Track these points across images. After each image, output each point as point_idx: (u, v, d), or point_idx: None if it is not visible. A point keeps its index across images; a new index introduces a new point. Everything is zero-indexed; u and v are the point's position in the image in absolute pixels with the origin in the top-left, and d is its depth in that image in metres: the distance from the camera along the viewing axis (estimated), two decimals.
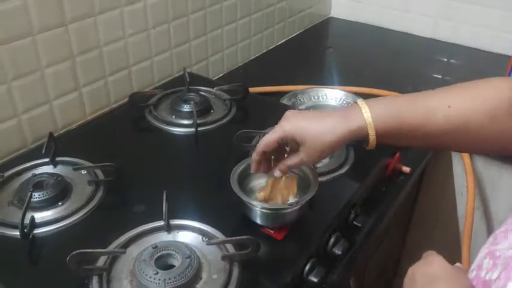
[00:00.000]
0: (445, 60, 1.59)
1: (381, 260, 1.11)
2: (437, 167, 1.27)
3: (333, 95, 1.25)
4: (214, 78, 1.38)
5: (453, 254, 1.29)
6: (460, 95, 0.69)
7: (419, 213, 1.35)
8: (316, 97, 1.25)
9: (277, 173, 0.76)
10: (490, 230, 1.27)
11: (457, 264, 0.59)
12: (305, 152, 0.71)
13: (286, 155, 0.76)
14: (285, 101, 1.21)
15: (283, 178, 0.78)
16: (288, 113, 0.74)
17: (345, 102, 1.24)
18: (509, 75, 1.16)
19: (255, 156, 0.76)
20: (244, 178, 0.81)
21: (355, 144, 0.95)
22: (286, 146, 0.76)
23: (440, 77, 1.48)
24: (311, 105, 1.24)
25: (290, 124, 0.72)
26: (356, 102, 0.71)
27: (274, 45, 1.61)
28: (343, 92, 1.25)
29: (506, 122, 0.66)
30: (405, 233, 1.37)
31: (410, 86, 1.34)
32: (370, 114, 0.68)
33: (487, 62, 1.53)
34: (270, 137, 0.73)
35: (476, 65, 1.52)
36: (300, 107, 1.21)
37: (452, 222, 1.33)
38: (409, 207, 1.30)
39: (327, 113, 0.73)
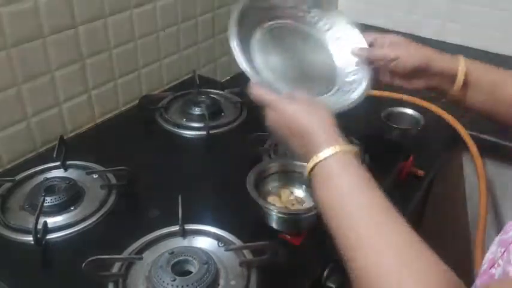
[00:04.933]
0: None
1: None
2: (448, 171, 1.26)
3: (341, 34, 0.85)
4: (222, 80, 1.37)
5: (463, 257, 1.28)
6: None
7: (428, 218, 1.34)
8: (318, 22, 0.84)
9: None
10: None
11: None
12: None
13: None
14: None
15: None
16: None
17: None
18: None
19: None
20: (259, 182, 0.80)
21: (370, 148, 0.94)
22: None
23: None
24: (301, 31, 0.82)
25: None
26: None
27: None
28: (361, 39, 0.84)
29: None
30: None
31: None
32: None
33: (495, 65, 1.52)
34: None
35: None
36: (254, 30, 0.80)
37: (463, 226, 1.32)
38: (418, 212, 1.29)
39: None
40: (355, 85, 0.78)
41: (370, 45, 0.83)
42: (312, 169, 0.59)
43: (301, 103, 0.65)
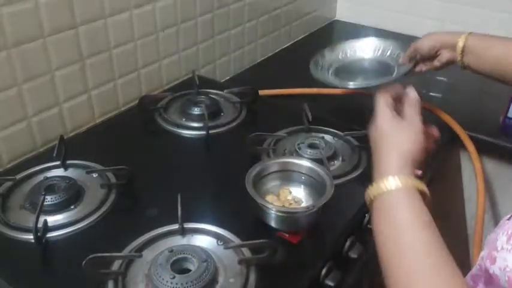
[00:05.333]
0: None
1: None
2: (446, 171, 1.26)
3: (369, 47, 1.14)
4: (221, 81, 1.38)
5: (461, 257, 1.28)
6: None
7: None
8: (351, 52, 1.16)
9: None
10: None
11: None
12: None
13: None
14: (311, 66, 1.14)
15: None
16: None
17: (384, 51, 1.14)
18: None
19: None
20: (258, 181, 0.80)
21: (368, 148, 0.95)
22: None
23: (445, 79, 1.48)
24: (347, 61, 1.16)
25: None
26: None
27: (280, 48, 1.61)
28: (379, 41, 1.13)
29: None
30: None
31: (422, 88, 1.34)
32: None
33: None
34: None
35: None
36: (329, 70, 1.14)
37: (460, 227, 1.33)
38: None
39: None
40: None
41: None
42: (373, 197, 0.60)
43: (399, 125, 0.66)
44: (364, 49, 1.13)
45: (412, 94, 0.71)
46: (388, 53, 1.10)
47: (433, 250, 0.54)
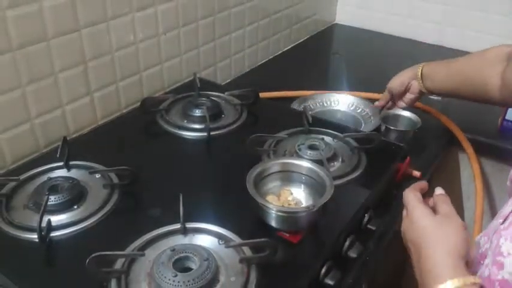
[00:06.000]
0: None
1: (390, 263, 1.12)
2: (444, 172, 1.27)
3: (344, 101, 1.27)
4: (222, 83, 1.39)
5: None
6: None
7: None
8: (327, 102, 1.27)
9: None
10: None
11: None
12: None
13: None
14: (295, 106, 1.21)
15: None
16: None
17: (356, 107, 1.25)
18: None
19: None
20: (259, 181, 0.81)
21: (368, 149, 0.96)
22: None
23: None
24: (322, 110, 1.25)
25: None
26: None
27: (280, 51, 1.63)
28: (354, 98, 1.27)
29: None
30: None
31: None
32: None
33: None
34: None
35: None
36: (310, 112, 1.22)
37: None
38: None
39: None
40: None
41: None
42: None
43: (438, 220, 0.64)
44: (341, 102, 1.28)
45: (440, 191, 0.71)
46: (359, 110, 1.25)
47: None
